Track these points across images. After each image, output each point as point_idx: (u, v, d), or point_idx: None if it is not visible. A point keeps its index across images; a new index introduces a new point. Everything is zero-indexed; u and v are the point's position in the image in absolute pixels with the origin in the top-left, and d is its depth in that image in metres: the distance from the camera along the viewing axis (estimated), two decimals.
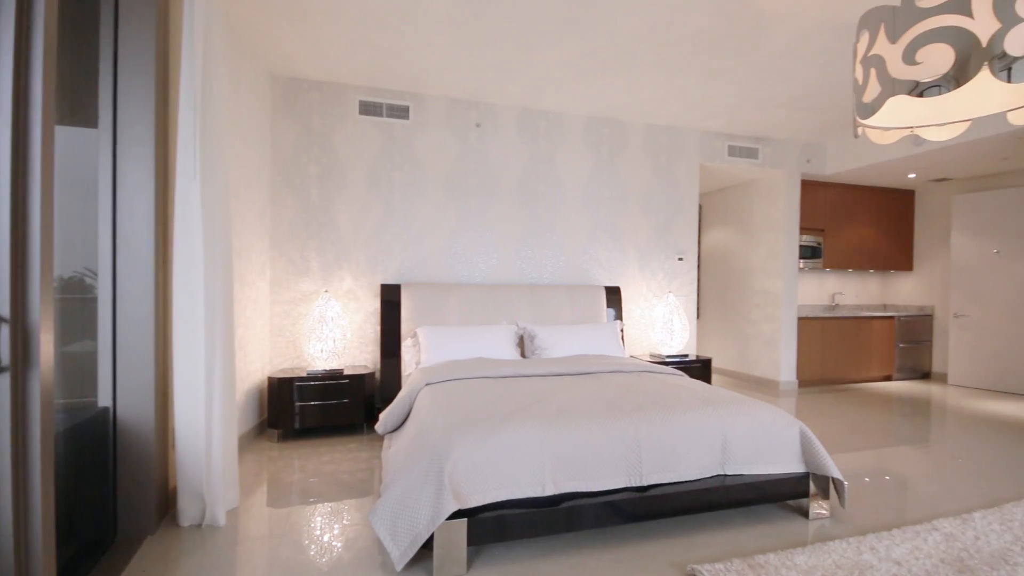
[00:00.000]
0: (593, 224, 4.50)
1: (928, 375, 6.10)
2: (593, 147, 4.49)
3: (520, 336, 3.83)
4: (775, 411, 2.34)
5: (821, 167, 5.41)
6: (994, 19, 1.38)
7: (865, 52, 1.62)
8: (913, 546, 1.96)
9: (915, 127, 1.80)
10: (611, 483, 2.01)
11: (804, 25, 2.92)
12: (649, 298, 4.70)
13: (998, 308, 5.22)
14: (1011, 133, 3.97)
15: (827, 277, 6.33)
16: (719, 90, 3.89)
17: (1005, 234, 5.19)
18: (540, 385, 2.66)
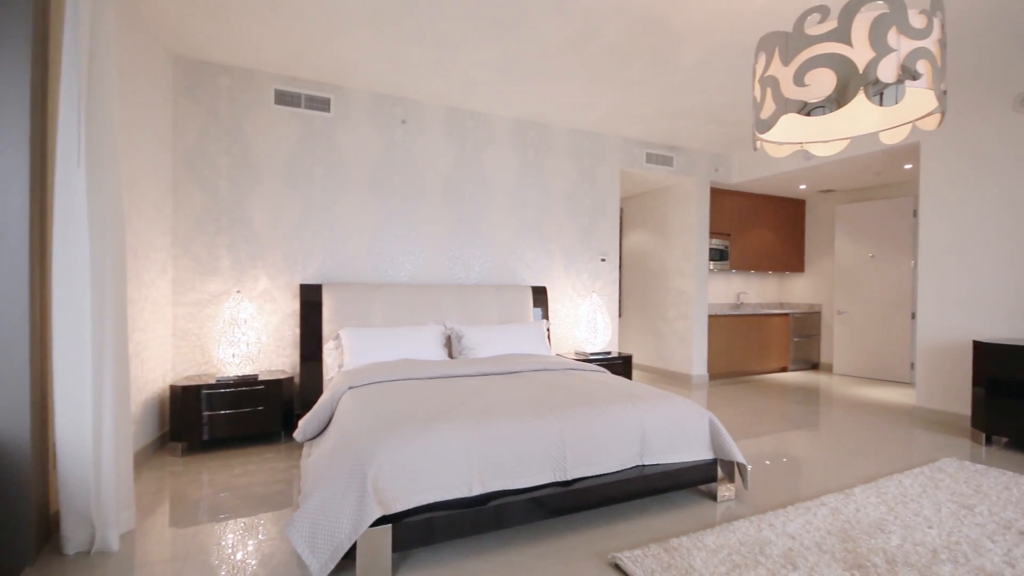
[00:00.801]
0: (520, 225, 4.56)
1: (817, 366, 6.79)
2: (520, 149, 4.55)
3: (447, 336, 3.80)
4: (688, 403, 2.50)
5: (727, 176, 5.85)
6: (869, 48, 1.57)
7: (762, 73, 1.78)
8: (805, 521, 2.17)
9: (804, 143, 2.00)
10: (537, 479, 2.05)
11: (712, 45, 3.14)
12: (574, 298, 4.85)
13: (873, 305, 5.93)
14: (883, 151, 4.52)
15: (733, 278, 6.86)
16: (637, 100, 4.09)
17: (879, 240, 5.90)
18: (467, 385, 2.66)
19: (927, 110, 1.79)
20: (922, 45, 1.55)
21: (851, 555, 1.89)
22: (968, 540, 2.01)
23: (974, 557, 1.88)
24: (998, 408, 3.29)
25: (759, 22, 2.87)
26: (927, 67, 1.56)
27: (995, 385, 3.31)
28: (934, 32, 1.60)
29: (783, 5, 2.69)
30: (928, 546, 1.96)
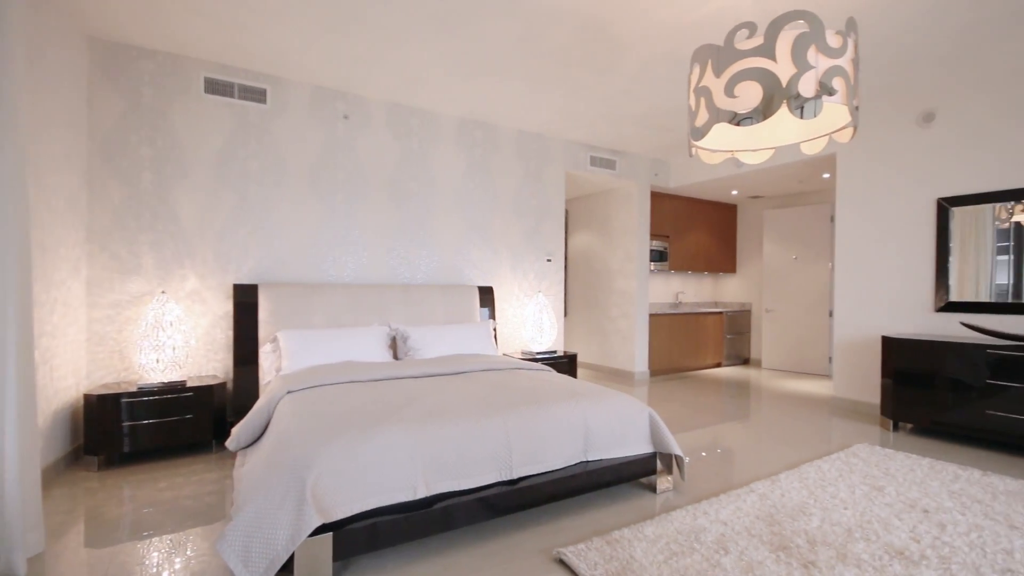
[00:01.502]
0: (467, 224, 4.54)
1: (748, 361, 7.21)
2: (467, 148, 4.53)
3: (392, 337, 3.73)
4: (629, 400, 2.58)
5: (667, 180, 6.10)
6: (791, 65, 1.68)
7: (697, 83, 1.87)
8: (736, 507, 2.30)
9: (734, 151, 2.12)
10: (483, 479, 2.05)
11: (652, 54, 3.26)
12: (520, 297, 4.89)
13: (797, 304, 6.37)
14: (804, 161, 4.87)
15: (672, 278, 7.16)
16: (582, 104, 4.18)
17: (802, 243, 6.34)
18: (413, 387, 2.62)
19: (842, 124, 1.95)
20: (837, 63, 1.68)
21: (777, 537, 2.02)
22: (879, 519, 2.20)
23: (884, 534, 2.06)
24: (903, 397, 3.63)
25: (695, 34, 3.01)
26: (842, 84, 1.69)
27: (901, 376, 3.64)
28: (848, 52, 1.74)
29: (717, 18, 2.83)
30: (844, 526, 2.13)
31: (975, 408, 3.27)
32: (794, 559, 1.86)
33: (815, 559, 1.85)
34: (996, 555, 1.90)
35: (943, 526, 2.13)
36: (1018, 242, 3.47)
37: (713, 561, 1.84)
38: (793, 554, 1.89)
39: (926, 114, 3.88)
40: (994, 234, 3.57)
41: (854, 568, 1.80)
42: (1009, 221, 3.50)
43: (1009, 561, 1.86)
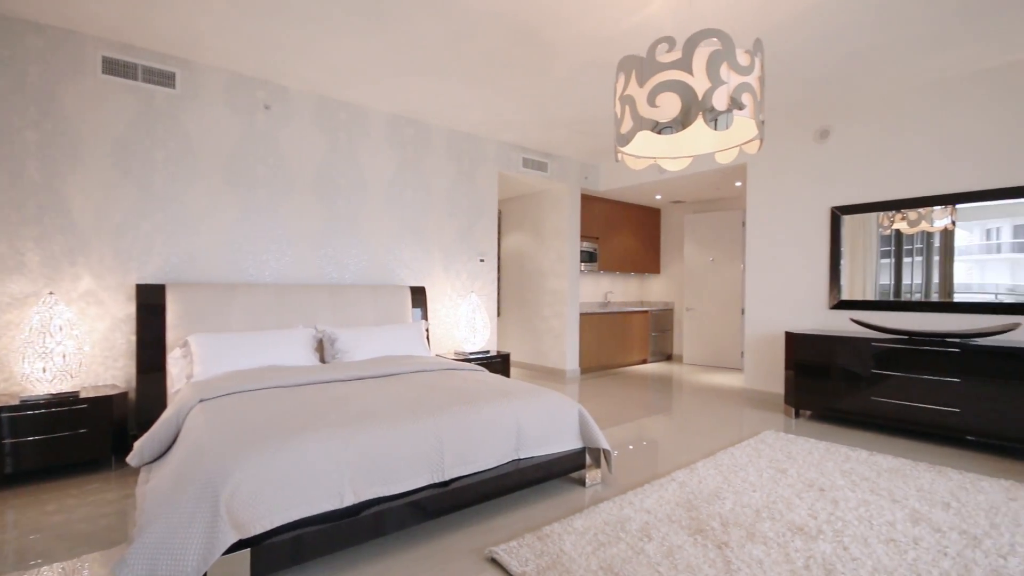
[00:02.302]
0: (399, 223, 4.45)
1: (671, 357, 7.62)
2: (398, 146, 4.44)
3: (319, 340, 3.58)
4: (560, 397, 2.64)
5: (596, 184, 6.31)
6: (707, 79, 1.80)
7: (622, 91, 1.95)
8: (658, 496, 2.42)
9: (657, 158, 2.23)
10: (414, 482, 2.02)
11: (580, 61, 3.36)
12: (453, 298, 4.86)
13: (714, 303, 6.81)
14: (719, 170, 5.22)
15: (602, 278, 7.42)
16: (514, 106, 4.23)
17: (718, 246, 6.79)
18: (340, 391, 2.53)
19: (750, 136, 2.11)
20: (746, 80, 1.82)
21: (694, 522, 2.15)
22: (782, 499, 2.41)
23: (787, 513, 2.26)
24: (804, 387, 3.99)
25: (619, 44, 3.14)
26: (750, 99, 1.84)
27: (801, 368, 4.00)
28: (756, 70, 1.89)
29: (639, 31, 2.97)
30: (753, 507, 2.31)
31: (863, 395, 3.66)
32: (709, 541, 1.98)
33: (728, 540, 1.99)
34: (881, 526, 2.14)
35: (836, 502, 2.36)
36: (898, 247, 3.92)
37: (637, 548, 1.93)
38: (709, 536, 2.02)
39: (822, 131, 4.30)
40: (878, 240, 4.01)
41: (761, 545, 1.95)
42: (890, 228, 3.95)
43: (891, 531, 2.09)
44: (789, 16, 2.81)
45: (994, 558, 1.88)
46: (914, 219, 3.83)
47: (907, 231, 3.86)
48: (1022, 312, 3.35)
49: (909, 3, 2.69)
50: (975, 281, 3.57)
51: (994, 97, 3.47)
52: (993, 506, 2.33)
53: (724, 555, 1.88)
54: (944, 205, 3.67)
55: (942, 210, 3.69)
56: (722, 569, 1.79)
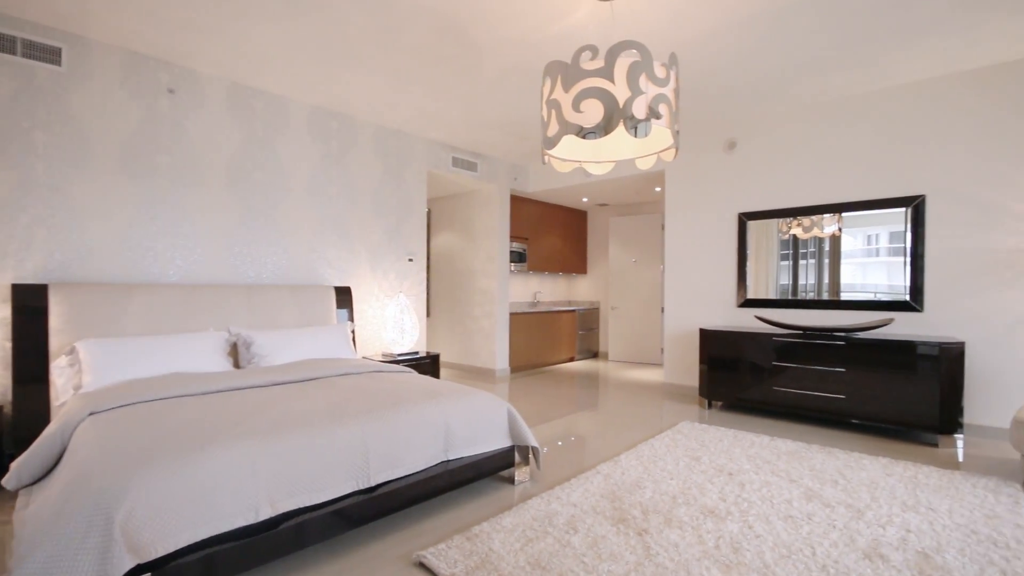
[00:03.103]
0: (322, 221, 4.26)
1: (597, 354, 7.89)
2: (321, 140, 4.25)
3: (233, 344, 3.34)
4: (489, 396, 2.66)
5: (525, 185, 6.40)
6: (627, 88, 1.88)
7: (548, 95, 1.99)
8: (584, 489, 2.50)
9: (582, 162, 2.30)
10: (338, 490, 1.94)
11: (509, 62, 3.40)
12: (381, 298, 4.73)
13: (636, 302, 7.14)
14: (640, 175, 5.48)
15: (531, 278, 7.54)
16: (443, 105, 4.19)
17: (640, 247, 7.13)
18: (257, 397, 2.38)
19: (667, 145, 2.24)
20: (663, 92, 1.93)
21: (617, 511, 2.25)
22: (696, 485, 2.57)
23: (700, 497, 2.41)
24: (715, 380, 4.28)
25: (546, 49, 3.20)
26: (666, 110, 1.95)
27: (713, 362, 4.29)
28: (671, 82, 2.00)
29: (565, 37, 3.05)
30: (670, 494, 2.45)
31: (766, 385, 3.99)
32: (631, 529, 2.08)
33: (647, 526, 2.10)
34: (780, 505, 2.34)
35: (743, 485, 2.56)
36: (795, 251, 4.32)
37: (564, 541, 1.98)
38: (630, 524, 2.12)
39: (729, 143, 4.64)
40: (778, 244, 4.40)
41: (677, 530, 2.08)
42: (788, 233, 4.34)
43: (789, 509, 2.30)
44: (700, 34, 3.01)
45: (875, 528, 2.12)
46: (808, 225, 4.24)
47: (802, 236, 4.27)
48: (895, 308, 3.82)
49: (798, 32, 2.97)
50: (858, 281, 4.01)
51: (870, 118, 3.92)
52: (873, 481, 2.63)
53: (644, 541, 1.98)
54: (832, 213, 4.10)
55: (831, 218, 4.12)
56: (642, 555, 1.88)
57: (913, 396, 3.35)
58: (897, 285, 3.82)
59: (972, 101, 3.53)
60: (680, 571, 1.78)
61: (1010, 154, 3.40)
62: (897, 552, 1.92)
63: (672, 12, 2.77)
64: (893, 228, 3.86)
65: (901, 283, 3.80)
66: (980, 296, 3.50)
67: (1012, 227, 3.40)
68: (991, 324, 3.46)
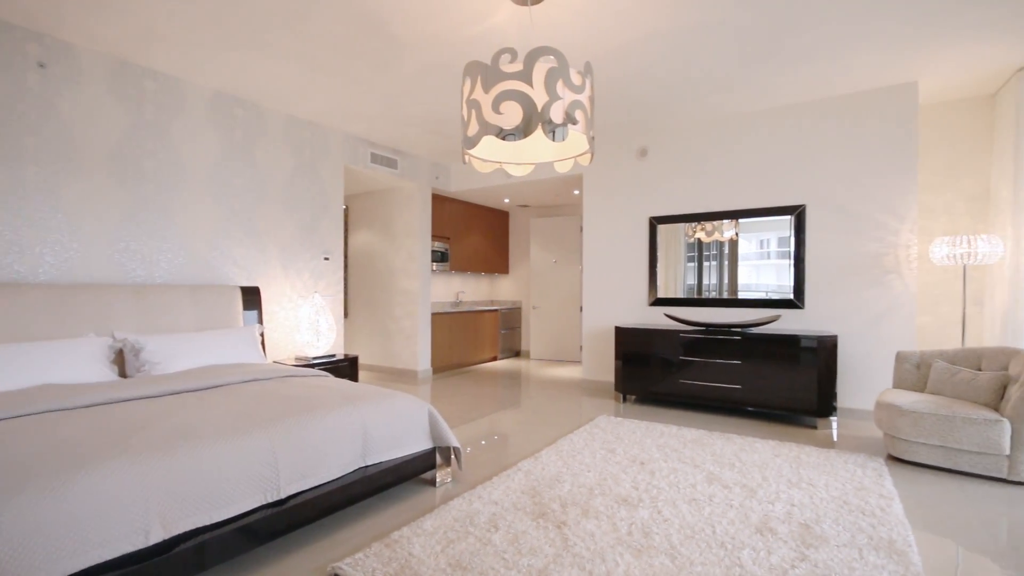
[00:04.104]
0: (225, 216, 3.95)
1: (519, 353, 8.01)
2: (225, 128, 3.93)
3: (119, 350, 3.01)
4: (409, 398, 2.60)
5: (447, 184, 6.35)
6: (545, 93, 1.93)
7: (468, 95, 1.99)
8: (505, 487, 2.53)
9: (502, 163, 2.33)
10: (244, 505, 1.81)
11: (430, 60, 3.36)
12: (294, 299, 4.47)
13: (556, 301, 7.34)
14: (559, 178, 5.64)
15: (453, 278, 7.49)
16: (361, 99, 4.05)
17: (560, 248, 7.34)
18: (147, 409, 2.16)
19: (583, 150, 2.32)
20: (579, 98, 2.00)
21: (537, 506, 2.30)
22: (611, 476, 2.69)
23: (615, 487, 2.53)
24: (629, 375, 4.51)
25: (467, 49, 3.20)
26: (582, 116, 2.02)
27: (627, 358, 4.52)
28: (587, 90, 2.08)
29: (487, 37, 3.06)
30: (587, 486, 2.54)
31: (674, 378, 4.27)
32: (550, 523, 2.14)
33: (566, 519, 2.17)
34: (685, 489, 2.51)
35: (653, 473, 2.72)
36: (699, 253, 4.65)
37: (485, 540, 1.99)
38: (550, 518, 2.18)
39: (641, 150, 4.91)
40: (685, 247, 4.72)
41: (594, 520, 2.16)
42: (693, 237, 4.67)
43: (693, 492, 2.48)
44: (613, 47, 3.15)
45: (765, 504, 2.34)
46: (710, 230, 4.59)
47: (706, 240, 4.61)
48: (783, 306, 4.24)
49: (701, 52, 3.21)
50: (753, 281, 4.41)
51: (761, 134, 4.32)
52: (764, 462, 2.90)
53: (563, 533, 2.04)
54: (731, 219, 4.47)
55: (729, 223, 4.49)
56: (561, 547, 1.94)
57: (796, 384, 3.75)
58: (784, 285, 4.25)
59: (842, 123, 4.00)
60: (596, 559, 1.85)
61: (872, 171, 3.90)
62: (783, 525, 2.13)
63: (587, 24, 2.88)
64: (781, 234, 4.28)
65: (787, 283, 4.23)
66: (849, 294, 3.99)
67: (874, 234, 3.90)
68: (858, 319, 3.95)
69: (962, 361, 3.20)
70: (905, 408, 2.88)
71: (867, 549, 1.93)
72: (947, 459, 2.78)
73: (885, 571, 1.78)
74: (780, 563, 1.83)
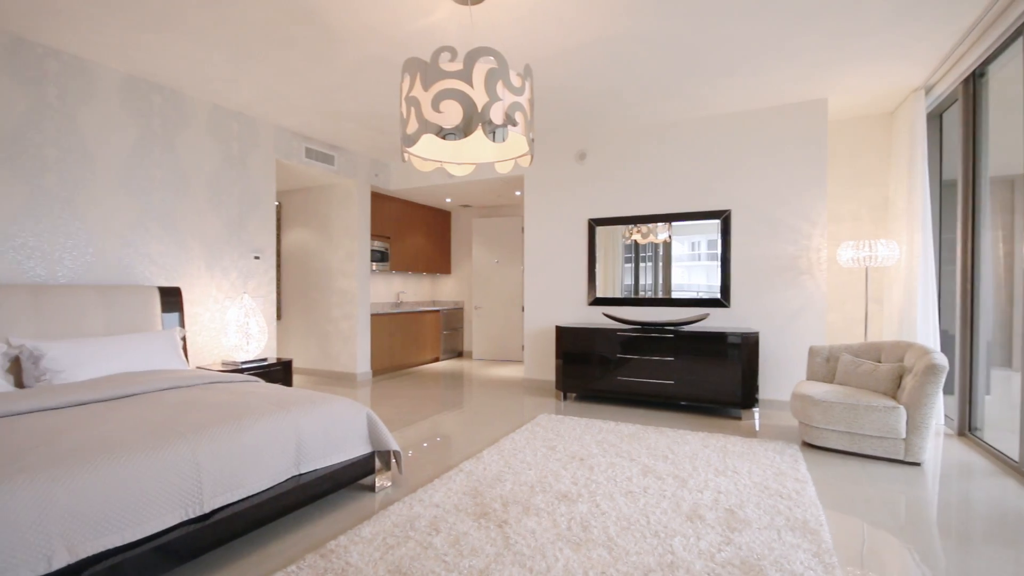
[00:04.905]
0: (142, 210, 3.65)
1: (461, 354, 7.97)
2: (140, 115, 3.64)
3: (15, 358, 2.71)
4: (346, 402, 2.52)
5: (387, 182, 6.21)
6: (485, 93, 1.93)
7: (407, 92, 1.96)
8: (447, 488, 2.51)
9: (443, 162, 2.31)
10: (163, 522, 1.68)
11: (368, 54, 3.27)
12: (221, 300, 4.21)
13: (498, 301, 7.37)
14: (500, 179, 5.67)
15: (394, 278, 7.34)
16: (295, 90, 3.87)
17: (502, 248, 7.37)
18: (49, 422, 1.95)
19: (524, 151, 2.35)
20: (519, 100, 2.02)
21: (479, 507, 2.29)
22: (552, 472, 2.74)
23: (555, 484, 2.57)
24: (570, 373, 4.61)
25: (406, 45, 3.14)
26: (522, 118, 2.04)
27: (568, 357, 4.61)
28: (526, 92, 2.11)
29: (427, 34, 3.03)
30: (528, 484, 2.57)
31: (612, 376, 4.41)
32: (492, 522, 2.14)
33: (507, 517, 2.18)
34: (622, 482, 2.60)
35: (592, 468, 2.80)
36: (636, 254, 4.83)
37: (426, 544, 1.97)
38: (491, 518, 2.18)
39: (580, 153, 5.04)
40: (623, 248, 4.88)
41: (535, 517, 2.19)
42: (630, 238, 4.84)
43: (630, 485, 2.57)
44: (553, 52, 3.21)
45: (695, 493, 2.47)
46: (645, 232, 4.78)
47: (642, 241, 4.80)
48: (712, 305, 4.48)
49: (636, 61, 3.33)
50: (686, 282, 4.63)
51: (692, 142, 4.56)
52: (695, 453, 3.06)
53: (504, 532, 2.05)
54: (665, 222, 4.67)
55: (664, 226, 4.69)
56: (502, 546, 1.95)
57: (724, 378, 3.98)
58: (713, 285, 4.50)
59: (762, 134, 4.30)
60: (536, 555, 1.88)
61: (789, 179, 4.21)
62: (711, 512, 2.26)
63: (527, 29, 2.91)
64: (710, 237, 4.53)
65: (716, 283, 4.48)
66: (769, 294, 4.28)
67: (790, 238, 4.21)
68: (777, 316, 4.25)
69: (865, 354, 3.52)
70: (817, 398, 3.13)
71: (784, 530, 2.08)
72: (853, 444, 3.05)
73: (800, 549, 1.92)
74: (708, 548, 1.94)
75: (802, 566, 1.81)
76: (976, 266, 3.35)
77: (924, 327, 3.64)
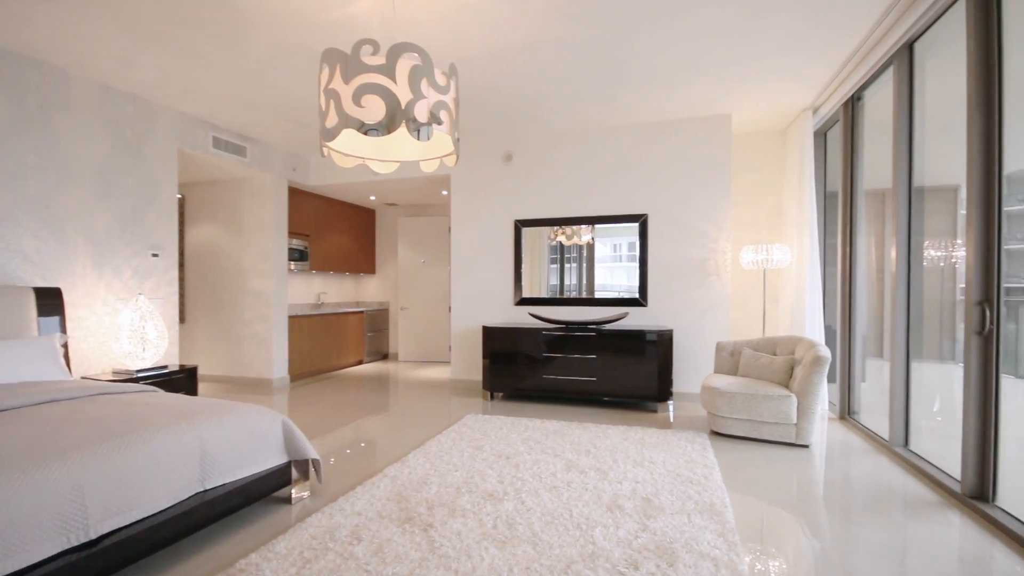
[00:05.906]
0: (13, 201, 3.20)
1: (387, 355, 7.76)
2: (12, 93, 3.19)
3: None
4: (258, 410, 2.37)
5: (305, 177, 5.91)
6: (409, 90, 1.90)
7: (326, 84, 1.88)
8: (370, 495, 2.43)
9: (365, 159, 2.24)
10: (40, 552, 1.49)
11: (284, 41, 3.09)
12: (111, 302, 3.79)
13: (425, 302, 7.26)
14: (426, 178, 5.59)
15: (314, 278, 7.00)
16: (201, 75, 3.58)
17: (429, 248, 7.27)
18: None
19: (449, 150, 2.33)
20: (444, 99, 2.00)
21: (404, 512, 2.25)
22: (478, 472, 2.74)
23: (481, 484, 2.58)
24: (496, 373, 4.63)
25: (326, 34, 3.01)
26: (447, 116, 2.02)
27: (494, 357, 4.64)
28: (451, 91, 2.09)
29: (347, 25, 2.92)
30: (455, 485, 2.56)
31: (538, 374, 4.49)
32: (416, 527, 2.10)
33: (433, 521, 2.15)
34: (547, 478, 2.66)
35: (518, 466, 2.83)
36: (561, 255, 4.96)
37: (347, 554, 1.89)
38: (416, 522, 2.14)
39: (507, 155, 5.09)
40: (548, 249, 4.99)
41: (460, 518, 2.18)
42: (555, 240, 4.96)
43: (554, 480, 2.63)
44: (479, 52, 3.22)
45: (615, 484, 2.57)
46: (570, 234, 4.92)
47: (566, 243, 4.93)
48: (631, 304, 4.70)
49: (558, 67, 3.43)
50: (608, 282, 4.82)
51: (612, 148, 4.76)
52: (615, 447, 3.19)
53: (429, 536, 2.02)
54: (587, 224, 4.84)
55: (587, 228, 4.86)
56: (427, 550, 1.92)
57: (642, 374, 4.19)
58: (633, 285, 4.72)
59: (675, 143, 4.58)
60: (462, 557, 1.87)
61: (698, 187, 4.52)
62: (629, 501, 2.37)
63: (453, 27, 2.89)
64: (631, 239, 4.75)
65: (635, 284, 4.70)
66: (682, 293, 4.57)
67: (699, 241, 4.52)
68: (689, 314, 4.55)
69: (763, 348, 3.85)
70: (722, 390, 3.38)
71: (694, 514, 2.23)
72: (753, 430, 3.33)
73: (707, 530, 2.07)
74: (626, 536, 2.03)
75: (709, 545, 1.94)
76: (853, 268, 3.79)
77: (812, 323, 4.06)
